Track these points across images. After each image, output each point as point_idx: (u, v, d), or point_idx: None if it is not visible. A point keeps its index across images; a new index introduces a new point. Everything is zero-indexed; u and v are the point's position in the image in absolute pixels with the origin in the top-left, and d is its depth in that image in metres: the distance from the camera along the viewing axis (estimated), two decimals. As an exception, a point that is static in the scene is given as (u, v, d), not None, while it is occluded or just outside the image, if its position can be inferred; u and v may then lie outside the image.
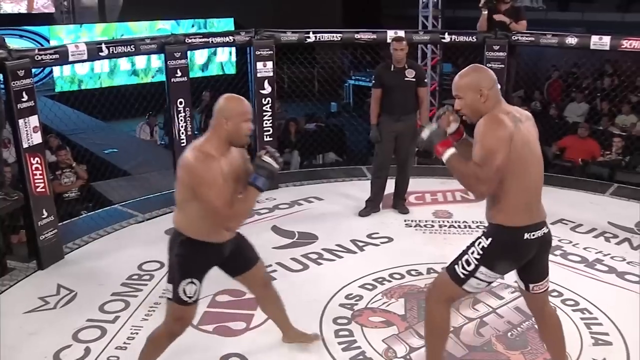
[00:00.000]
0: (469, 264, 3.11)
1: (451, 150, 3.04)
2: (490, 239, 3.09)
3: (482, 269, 3.08)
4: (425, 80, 6.21)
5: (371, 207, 6.19)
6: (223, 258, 3.43)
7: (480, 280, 3.12)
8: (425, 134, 3.15)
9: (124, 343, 4.04)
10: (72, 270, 5.06)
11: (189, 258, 3.28)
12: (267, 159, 3.13)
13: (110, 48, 5.63)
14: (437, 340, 3.32)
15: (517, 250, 3.08)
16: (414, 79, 5.90)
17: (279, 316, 3.86)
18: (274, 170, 3.14)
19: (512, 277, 4.59)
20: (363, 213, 6.16)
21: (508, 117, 2.95)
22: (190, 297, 3.31)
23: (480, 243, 3.11)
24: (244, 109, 3.17)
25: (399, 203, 6.24)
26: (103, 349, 3.97)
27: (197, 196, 3.07)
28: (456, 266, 3.16)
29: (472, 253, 3.12)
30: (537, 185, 3.06)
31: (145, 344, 3.53)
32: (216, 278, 4.58)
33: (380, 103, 5.97)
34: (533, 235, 3.04)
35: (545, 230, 3.11)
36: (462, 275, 3.13)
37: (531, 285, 3.27)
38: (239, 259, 3.51)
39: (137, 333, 4.15)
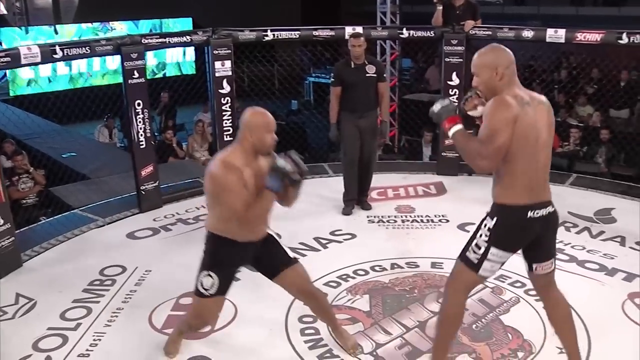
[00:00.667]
0: (479, 247, 3.18)
1: (458, 126, 3.14)
2: (495, 219, 3.15)
3: (493, 249, 3.15)
4: (385, 75, 6.17)
5: (352, 205, 6.20)
6: (248, 259, 3.58)
7: (493, 262, 3.18)
8: (436, 107, 3.23)
9: (87, 350, 3.96)
10: (31, 278, 4.94)
11: (211, 252, 3.48)
12: (280, 162, 3.26)
13: (65, 50, 5.51)
14: (449, 329, 3.39)
15: (522, 228, 3.14)
16: (374, 75, 5.89)
17: (324, 320, 3.91)
18: (287, 172, 3.25)
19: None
20: (346, 212, 6.15)
21: (516, 99, 3.03)
22: (206, 290, 3.45)
23: (486, 225, 3.18)
24: (266, 121, 3.34)
25: (362, 199, 6.24)
26: (65, 358, 3.88)
27: (220, 201, 3.31)
28: (468, 253, 3.23)
29: (481, 236, 3.18)
30: (541, 166, 3.14)
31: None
32: (179, 281, 4.56)
33: (341, 101, 5.95)
34: (537, 213, 3.11)
35: (550, 209, 3.18)
36: (475, 261, 3.19)
37: (534, 265, 3.34)
38: (266, 261, 3.63)
39: (99, 339, 4.07)
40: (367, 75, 5.87)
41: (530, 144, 3.05)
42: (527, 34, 6.83)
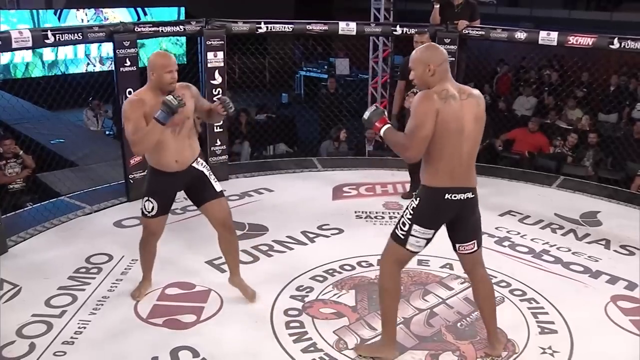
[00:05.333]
0: (404, 225, 3.51)
1: (387, 125, 3.45)
2: (418, 199, 3.48)
3: (415, 227, 3.47)
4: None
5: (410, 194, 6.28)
6: (180, 187, 4.15)
7: (418, 237, 3.49)
8: (366, 114, 3.52)
9: (71, 338, 3.95)
10: (17, 264, 4.90)
11: (149, 181, 4.11)
12: (169, 98, 3.70)
13: (57, 35, 5.47)
14: (390, 301, 3.65)
15: (439, 207, 3.45)
16: None
17: (229, 259, 4.33)
18: (173, 107, 3.69)
19: (461, 268, 4.66)
20: (406, 196, 6.30)
21: (440, 94, 3.29)
22: (149, 212, 4.11)
23: (411, 204, 3.51)
24: (165, 62, 3.83)
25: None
26: (49, 345, 3.87)
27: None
28: (396, 230, 3.56)
29: (406, 215, 3.51)
30: (465, 155, 3.38)
31: None
32: (165, 271, 4.56)
33: (404, 96, 5.96)
34: (454, 196, 3.40)
35: (469, 195, 3.46)
36: (401, 236, 3.52)
37: (457, 245, 3.64)
38: (195, 192, 4.17)
39: (84, 327, 4.06)
40: None
41: (453, 134, 3.31)
42: (520, 35, 6.85)
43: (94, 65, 15.29)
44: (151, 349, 3.84)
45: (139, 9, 15.50)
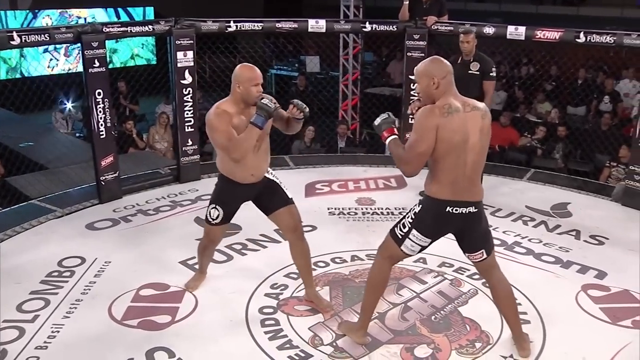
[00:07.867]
0: (404, 226, 3.55)
1: (393, 136, 3.52)
2: (420, 206, 3.52)
3: (414, 231, 3.51)
4: (491, 74, 6.00)
5: None
6: (251, 197, 4.09)
7: (413, 242, 3.54)
8: (377, 121, 3.61)
9: (44, 342, 3.90)
10: (-13, 269, 4.85)
11: (219, 188, 4.07)
12: (265, 102, 3.73)
13: (23, 37, 5.41)
14: (374, 293, 3.77)
15: (440, 219, 3.47)
16: (477, 72, 5.88)
17: (302, 269, 4.28)
18: (270, 111, 3.73)
19: (434, 262, 4.72)
20: None
21: (443, 108, 3.31)
22: (213, 219, 4.10)
23: (414, 209, 3.55)
24: (253, 76, 3.82)
25: None
26: (21, 350, 3.81)
27: (213, 142, 3.85)
28: (396, 228, 3.61)
29: (407, 217, 3.56)
30: (469, 167, 3.39)
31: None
32: (139, 272, 4.53)
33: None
34: (456, 210, 3.42)
35: (472, 209, 3.46)
36: (399, 236, 3.57)
37: (467, 254, 3.68)
38: (265, 201, 4.10)
39: (58, 332, 4.02)
40: (470, 72, 5.86)
41: (456, 146, 3.32)
42: (489, 30, 6.92)
43: (57, 60, 14.97)
44: (126, 350, 3.81)
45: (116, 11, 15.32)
